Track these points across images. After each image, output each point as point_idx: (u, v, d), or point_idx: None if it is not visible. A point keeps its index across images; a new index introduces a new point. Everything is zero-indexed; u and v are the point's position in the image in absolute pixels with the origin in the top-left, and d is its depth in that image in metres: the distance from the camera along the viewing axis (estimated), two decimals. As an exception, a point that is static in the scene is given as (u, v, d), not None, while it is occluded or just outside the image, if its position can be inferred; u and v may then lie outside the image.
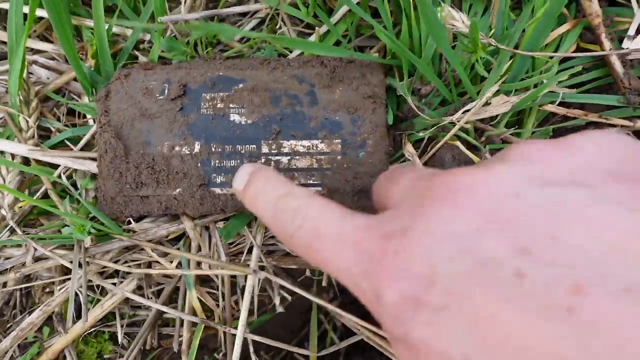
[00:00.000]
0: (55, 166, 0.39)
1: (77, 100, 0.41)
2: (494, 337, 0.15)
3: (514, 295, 0.15)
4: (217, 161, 0.35)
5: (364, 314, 0.33)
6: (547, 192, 0.18)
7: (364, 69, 0.37)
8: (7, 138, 0.40)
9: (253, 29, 0.42)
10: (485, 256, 0.16)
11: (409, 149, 0.37)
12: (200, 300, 0.39)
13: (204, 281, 0.41)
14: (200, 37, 0.40)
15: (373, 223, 0.21)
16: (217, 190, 0.35)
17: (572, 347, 0.14)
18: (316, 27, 0.39)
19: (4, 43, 0.44)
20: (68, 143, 0.40)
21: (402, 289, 0.17)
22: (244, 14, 0.41)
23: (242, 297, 0.38)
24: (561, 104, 0.40)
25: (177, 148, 0.36)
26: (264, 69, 0.37)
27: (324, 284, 0.41)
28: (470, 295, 0.16)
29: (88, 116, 0.41)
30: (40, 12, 0.40)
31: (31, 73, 0.41)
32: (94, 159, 0.38)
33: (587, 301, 0.15)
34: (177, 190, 0.35)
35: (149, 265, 0.40)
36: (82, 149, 0.39)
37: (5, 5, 0.41)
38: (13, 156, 0.39)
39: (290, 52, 0.40)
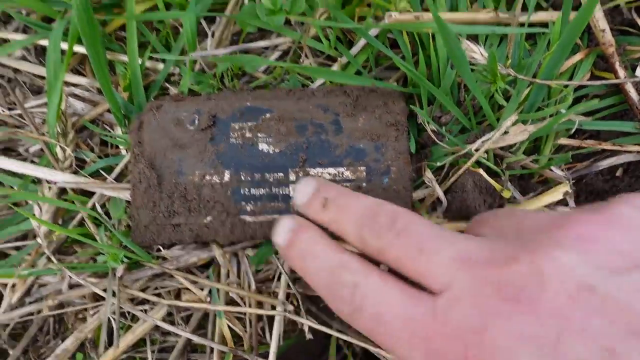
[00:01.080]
0: (90, 194, 0.41)
1: (109, 131, 0.43)
2: None
3: None
4: (246, 189, 0.37)
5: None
6: (618, 280, 0.18)
7: (386, 97, 0.38)
8: (44, 168, 0.42)
9: (276, 61, 0.44)
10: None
11: (428, 175, 0.38)
12: (229, 326, 0.40)
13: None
14: (227, 70, 0.42)
15: (440, 314, 0.20)
16: (247, 218, 0.36)
17: None
18: (338, 58, 0.41)
19: (41, 77, 0.46)
20: (102, 172, 0.41)
21: None
22: (267, 48, 0.43)
23: (269, 325, 0.39)
24: (577, 131, 0.41)
25: (207, 177, 0.37)
26: (290, 99, 0.38)
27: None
28: None
29: (120, 147, 0.43)
30: (77, 48, 0.42)
31: (68, 106, 0.43)
32: (126, 188, 0.40)
33: None
34: (208, 218, 0.36)
35: (179, 291, 0.41)
36: (115, 179, 0.41)
37: (43, 42, 0.44)
38: (49, 186, 0.41)
39: (312, 82, 0.42)
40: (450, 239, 0.23)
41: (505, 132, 0.37)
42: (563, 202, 0.39)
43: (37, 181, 0.42)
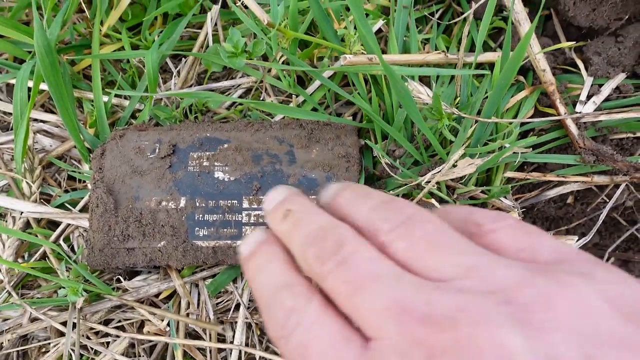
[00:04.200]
0: (53, 229, 0.42)
1: (77, 166, 0.44)
2: None
3: None
4: (200, 215, 0.38)
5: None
6: None
7: (339, 131, 0.40)
8: (9, 203, 0.43)
9: (239, 98, 0.46)
10: None
11: None
12: (191, 356, 0.40)
13: (195, 337, 0.42)
14: (191, 105, 0.44)
15: None
16: (200, 243, 0.38)
17: None
18: (293, 95, 0.43)
19: (10, 114, 0.47)
20: (68, 206, 0.42)
21: None
22: (231, 87, 0.45)
23: (230, 354, 0.39)
24: (526, 164, 0.43)
25: (163, 203, 0.38)
26: (248, 131, 0.40)
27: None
28: None
29: (87, 181, 0.44)
30: (44, 86, 0.43)
31: (36, 142, 0.44)
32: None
33: None
34: (162, 242, 0.38)
35: (142, 323, 0.41)
36: (80, 211, 0.42)
37: (13, 81, 0.45)
38: (13, 219, 0.42)
39: (273, 118, 0.44)
40: (389, 281, 0.20)
41: (454, 166, 0.39)
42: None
43: (1, 215, 0.43)
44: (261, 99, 0.44)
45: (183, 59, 0.45)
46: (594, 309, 0.18)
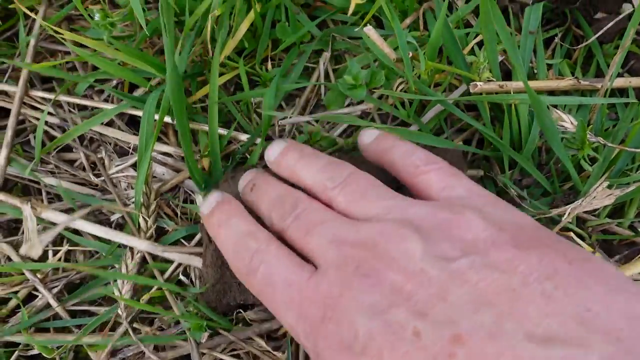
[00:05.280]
0: (171, 261, 0.42)
1: (190, 193, 0.45)
2: None
3: (411, 349, 0.21)
4: None
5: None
6: (444, 265, 0.23)
7: (450, 157, 0.38)
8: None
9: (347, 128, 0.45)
10: (393, 321, 0.22)
11: None
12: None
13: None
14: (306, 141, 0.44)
15: (313, 282, 0.26)
16: None
17: None
18: (408, 124, 0.42)
19: (124, 142, 0.48)
20: (183, 241, 0.42)
21: (333, 348, 0.23)
22: (345, 114, 0.45)
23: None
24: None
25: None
26: (358, 160, 0.39)
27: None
28: (381, 353, 0.22)
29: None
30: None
31: (153, 171, 0.45)
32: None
33: (464, 348, 0.19)
34: None
35: (254, 356, 0.40)
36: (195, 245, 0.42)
37: (130, 111, 0.46)
38: (132, 253, 0.42)
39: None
40: (331, 223, 0.27)
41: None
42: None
43: (122, 246, 0.43)
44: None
45: (297, 99, 0.45)
46: (475, 226, 0.24)
